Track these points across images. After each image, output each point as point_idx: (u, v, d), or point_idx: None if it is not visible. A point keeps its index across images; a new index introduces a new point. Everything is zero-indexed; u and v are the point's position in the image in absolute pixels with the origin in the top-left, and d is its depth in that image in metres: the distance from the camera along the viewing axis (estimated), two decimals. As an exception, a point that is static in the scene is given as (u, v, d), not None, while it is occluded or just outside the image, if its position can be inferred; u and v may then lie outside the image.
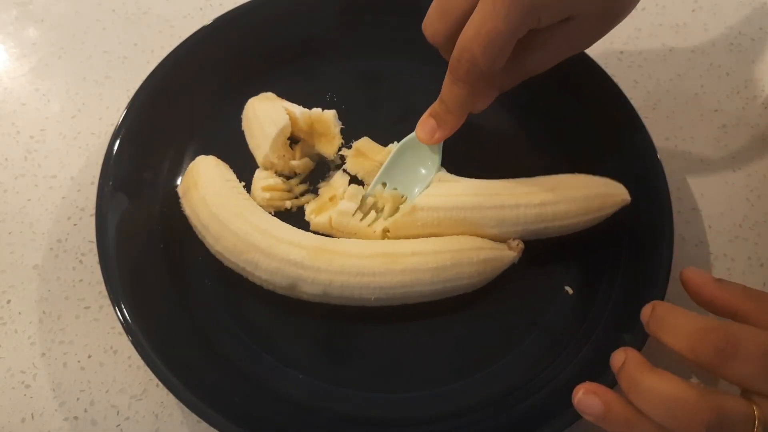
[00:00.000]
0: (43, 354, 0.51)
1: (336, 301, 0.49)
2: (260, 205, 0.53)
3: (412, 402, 0.48)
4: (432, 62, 0.53)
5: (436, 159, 0.51)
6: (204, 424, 0.47)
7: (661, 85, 0.64)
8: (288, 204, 0.54)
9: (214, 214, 0.50)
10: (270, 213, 0.52)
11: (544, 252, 0.51)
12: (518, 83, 0.48)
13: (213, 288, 0.51)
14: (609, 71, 0.57)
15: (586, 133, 0.57)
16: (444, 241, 0.49)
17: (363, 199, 0.52)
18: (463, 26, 0.42)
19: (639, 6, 0.45)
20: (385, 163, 0.52)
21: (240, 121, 0.58)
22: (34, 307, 0.53)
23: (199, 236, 0.51)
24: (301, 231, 0.51)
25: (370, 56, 0.61)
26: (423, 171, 0.52)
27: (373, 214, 0.52)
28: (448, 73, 0.45)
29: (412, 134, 0.51)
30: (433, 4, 0.45)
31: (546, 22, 0.41)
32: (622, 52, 0.66)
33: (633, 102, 0.56)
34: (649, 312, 0.40)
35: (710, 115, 0.63)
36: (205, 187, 0.52)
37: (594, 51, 0.57)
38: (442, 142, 0.51)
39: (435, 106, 0.48)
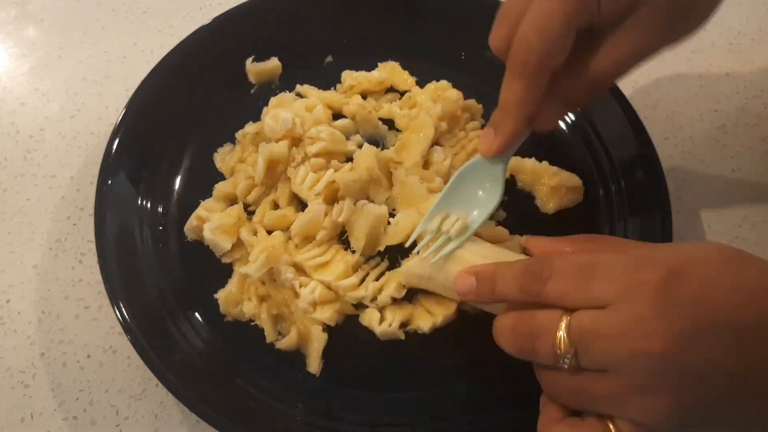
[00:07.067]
0: (43, 354, 0.51)
1: None
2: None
3: (408, 402, 0.48)
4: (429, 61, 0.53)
5: (499, 181, 0.45)
6: (203, 424, 0.47)
7: (661, 85, 0.64)
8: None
9: None
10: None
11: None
12: (589, 99, 0.43)
13: (211, 287, 0.51)
14: (609, 71, 0.57)
15: (585, 134, 0.57)
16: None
17: (420, 234, 0.47)
18: None
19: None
20: (443, 190, 0.47)
21: (238, 119, 0.58)
22: (34, 306, 0.53)
23: None
24: None
25: (371, 55, 0.60)
26: (481, 194, 0.46)
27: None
28: (506, 71, 0.41)
29: (470, 160, 0.47)
30: (497, 17, 0.42)
31: (608, 9, 0.39)
32: (621, 52, 0.66)
33: (633, 102, 0.56)
34: (469, 282, 0.41)
35: (710, 115, 0.63)
36: None
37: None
38: (506, 165, 0.46)
39: (493, 113, 0.44)
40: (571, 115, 0.57)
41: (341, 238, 0.52)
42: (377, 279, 0.50)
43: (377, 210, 0.50)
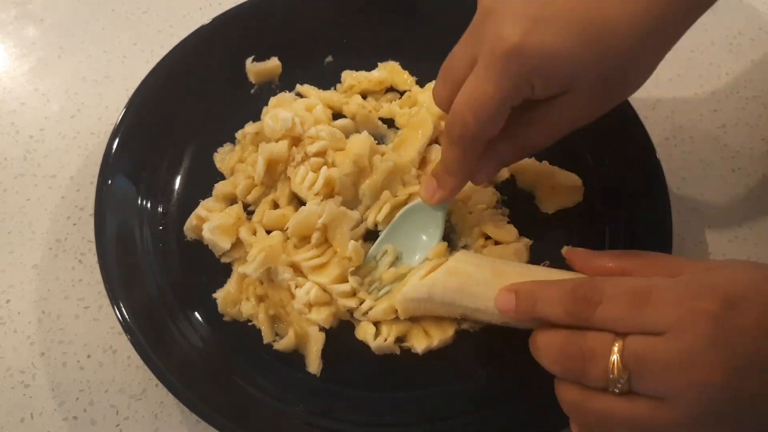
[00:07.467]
0: (43, 354, 0.51)
1: None
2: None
3: (408, 402, 0.48)
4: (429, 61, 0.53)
5: (439, 226, 0.50)
6: (203, 424, 0.47)
7: (660, 85, 0.64)
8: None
9: None
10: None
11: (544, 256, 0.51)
12: (521, 158, 0.46)
13: (211, 287, 0.51)
14: (609, 71, 0.57)
15: (586, 133, 0.56)
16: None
17: (365, 262, 0.50)
18: None
19: (639, 6, 0.45)
20: (389, 226, 0.51)
21: (238, 119, 0.57)
22: (34, 306, 0.53)
23: None
24: None
25: (371, 55, 0.60)
26: (425, 237, 0.50)
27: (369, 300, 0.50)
28: (444, 134, 0.44)
29: (413, 202, 0.50)
30: (439, 72, 0.44)
31: (541, 93, 0.40)
32: (621, 52, 0.66)
33: (633, 102, 0.56)
34: (509, 298, 0.41)
35: (710, 115, 0.63)
36: None
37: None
38: (446, 210, 0.50)
39: (436, 166, 0.47)
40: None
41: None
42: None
43: (357, 215, 0.51)
